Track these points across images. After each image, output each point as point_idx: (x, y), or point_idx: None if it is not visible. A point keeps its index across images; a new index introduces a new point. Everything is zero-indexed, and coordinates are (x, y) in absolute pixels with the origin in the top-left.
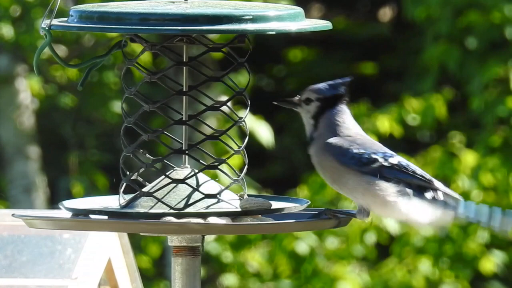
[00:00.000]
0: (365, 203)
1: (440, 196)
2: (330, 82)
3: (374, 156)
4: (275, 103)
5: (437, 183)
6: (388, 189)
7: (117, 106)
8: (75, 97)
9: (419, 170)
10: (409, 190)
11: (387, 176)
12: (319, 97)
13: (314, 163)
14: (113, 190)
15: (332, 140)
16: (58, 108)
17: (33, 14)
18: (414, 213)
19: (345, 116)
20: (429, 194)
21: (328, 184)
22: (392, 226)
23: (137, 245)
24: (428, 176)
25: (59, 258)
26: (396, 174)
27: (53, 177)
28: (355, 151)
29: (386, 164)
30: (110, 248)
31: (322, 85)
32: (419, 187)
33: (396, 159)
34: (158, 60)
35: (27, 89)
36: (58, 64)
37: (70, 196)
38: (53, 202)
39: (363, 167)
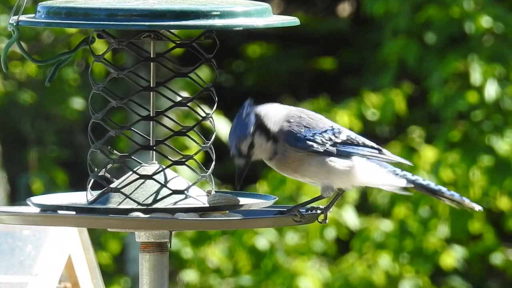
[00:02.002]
0: (330, 180)
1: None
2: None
3: (325, 134)
4: (238, 185)
5: (386, 152)
6: (347, 162)
7: (76, 103)
8: (34, 94)
9: (367, 141)
10: (363, 159)
11: (342, 152)
12: (252, 132)
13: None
14: (73, 186)
15: (285, 130)
16: (17, 104)
17: None
18: (373, 178)
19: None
20: (381, 160)
21: (288, 177)
22: (352, 221)
23: (97, 241)
24: (376, 145)
25: (20, 254)
26: (348, 148)
27: (13, 174)
28: (307, 134)
29: (338, 140)
30: (70, 244)
31: (236, 130)
32: (371, 155)
33: (344, 133)
34: (117, 56)
35: None
36: (18, 61)
37: (30, 193)
38: (13, 198)
39: (320, 147)
